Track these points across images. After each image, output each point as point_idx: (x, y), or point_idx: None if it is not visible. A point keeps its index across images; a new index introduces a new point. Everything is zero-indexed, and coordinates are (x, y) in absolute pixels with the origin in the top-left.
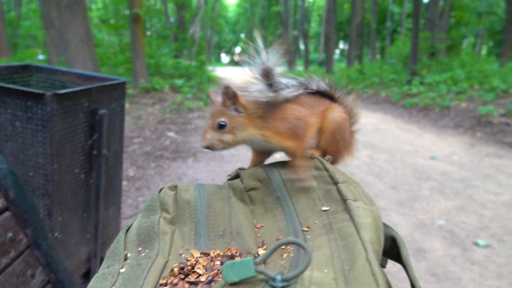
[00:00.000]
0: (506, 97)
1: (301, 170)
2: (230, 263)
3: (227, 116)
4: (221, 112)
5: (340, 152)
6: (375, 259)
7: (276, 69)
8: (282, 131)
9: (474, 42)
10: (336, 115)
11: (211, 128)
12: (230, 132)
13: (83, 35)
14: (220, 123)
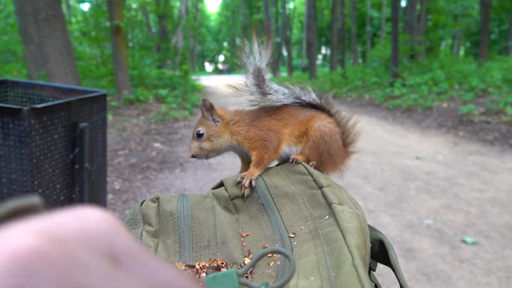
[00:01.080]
0: (485, 96)
1: (248, 176)
2: (212, 276)
3: (204, 126)
4: (200, 123)
5: (323, 163)
6: (362, 264)
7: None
8: (252, 136)
9: (452, 43)
10: (323, 125)
11: (193, 137)
12: (208, 140)
13: (63, 49)
14: (198, 132)
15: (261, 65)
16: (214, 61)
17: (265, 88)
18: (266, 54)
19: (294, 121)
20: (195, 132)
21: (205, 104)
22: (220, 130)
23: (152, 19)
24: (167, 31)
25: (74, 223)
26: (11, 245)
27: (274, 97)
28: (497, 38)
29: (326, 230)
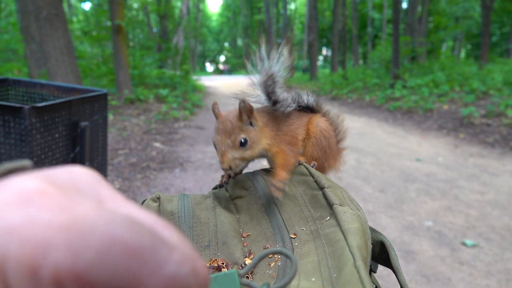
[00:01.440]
0: (486, 98)
1: (282, 181)
2: (213, 276)
3: (246, 132)
4: (239, 128)
5: (327, 159)
6: (363, 265)
7: (279, 79)
8: (279, 141)
9: (453, 45)
10: (321, 122)
11: (230, 147)
12: (251, 148)
13: (64, 48)
14: (242, 141)
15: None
16: (215, 61)
17: (276, 97)
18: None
19: (300, 123)
20: (236, 140)
21: (245, 106)
22: (258, 135)
23: (153, 19)
24: (168, 31)
25: (67, 173)
26: (17, 185)
27: (283, 108)
28: (498, 40)
29: (327, 231)
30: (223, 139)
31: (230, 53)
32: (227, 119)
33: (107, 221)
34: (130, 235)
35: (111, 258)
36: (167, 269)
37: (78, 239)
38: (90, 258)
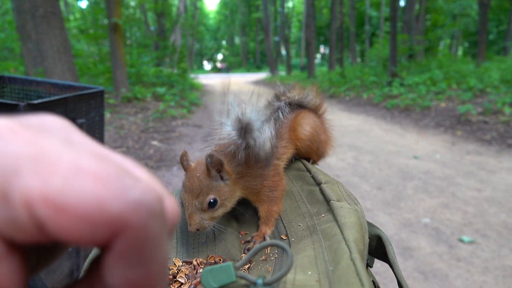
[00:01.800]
0: (483, 96)
1: (259, 237)
2: (209, 268)
3: (215, 190)
4: (207, 187)
5: (324, 150)
6: (360, 258)
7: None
8: (259, 189)
9: (450, 43)
10: (306, 129)
11: (198, 208)
12: (222, 206)
13: (61, 46)
14: (211, 202)
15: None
16: (213, 59)
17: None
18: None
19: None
20: (204, 202)
21: (213, 161)
22: (231, 190)
23: (150, 17)
24: (165, 29)
25: (37, 118)
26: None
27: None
28: (495, 38)
29: (324, 226)
30: (190, 199)
31: (228, 51)
32: (194, 175)
33: (74, 153)
34: (96, 164)
35: (78, 183)
36: (131, 194)
37: (45, 167)
38: (57, 183)
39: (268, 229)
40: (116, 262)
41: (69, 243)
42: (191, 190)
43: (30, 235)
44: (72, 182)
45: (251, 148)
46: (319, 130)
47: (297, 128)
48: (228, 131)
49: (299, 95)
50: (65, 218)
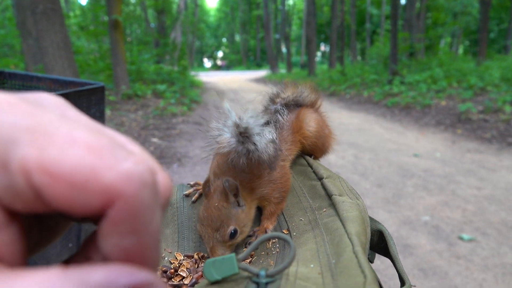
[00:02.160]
0: (484, 94)
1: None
2: (211, 260)
3: (235, 219)
4: (227, 217)
5: (328, 145)
6: (362, 251)
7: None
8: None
9: (451, 41)
10: (310, 119)
11: (219, 241)
12: (242, 233)
13: (61, 42)
14: (232, 233)
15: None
16: (213, 57)
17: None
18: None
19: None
20: (225, 234)
21: (230, 185)
22: (247, 213)
23: (151, 14)
24: (165, 26)
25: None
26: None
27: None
28: (496, 37)
29: (326, 220)
30: (209, 232)
31: (228, 48)
32: (212, 205)
33: (70, 126)
34: (90, 137)
35: (73, 153)
36: (124, 165)
37: (42, 138)
38: (53, 153)
39: (270, 224)
40: (110, 231)
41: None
42: (210, 223)
43: (28, 202)
44: (67, 152)
45: (252, 153)
46: (322, 124)
47: (302, 126)
48: (227, 138)
49: (293, 94)
50: (61, 185)
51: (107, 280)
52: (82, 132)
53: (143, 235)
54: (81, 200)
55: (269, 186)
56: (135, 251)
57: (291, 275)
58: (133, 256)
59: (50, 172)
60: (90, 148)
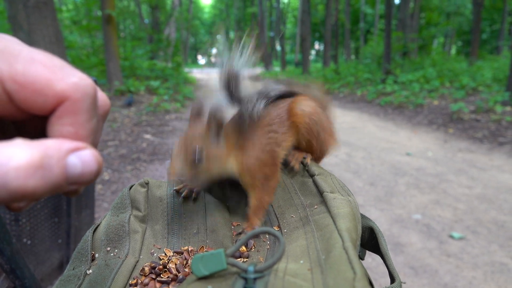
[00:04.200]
0: (476, 94)
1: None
2: (199, 256)
3: (205, 146)
4: (199, 140)
5: (324, 142)
6: (352, 247)
7: (242, 75)
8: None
9: (444, 41)
10: (304, 106)
11: (183, 157)
12: (206, 166)
13: (53, 37)
14: (196, 152)
15: (236, 69)
16: (207, 54)
17: (238, 95)
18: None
19: (282, 123)
20: (189, 152)
21: (216, 116)
22: (221, 155)
23: (145, 9)
24: (159, 22)
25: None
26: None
27: (250, 108)
28: (488, 37)
29: (316, 217)
30: (179, 146)
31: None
32: (193, 127)
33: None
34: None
35: (34, 69)
36: (72, 79)
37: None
38: (20, 68)
39: (258, 221)
40: (55, 122)
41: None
42: (184, 140)
43: (4, 106)
44: (29, 67)
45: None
46: (320, 114)
47: (295, 106)
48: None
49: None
50: (26, 91)
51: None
52: (39, 55)
53: (80, 129)
54: (40, 101)
55: (256, 162)
56: (74, 137)
57: (280, 271)
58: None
59: (18, 81)
60: (46, 66)
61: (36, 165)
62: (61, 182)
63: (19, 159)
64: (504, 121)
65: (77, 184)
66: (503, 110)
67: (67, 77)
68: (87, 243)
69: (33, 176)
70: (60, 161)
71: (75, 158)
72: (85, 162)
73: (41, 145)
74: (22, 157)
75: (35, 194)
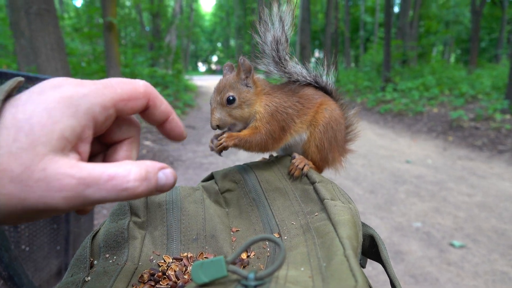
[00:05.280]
0: (475, 102)
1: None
2: (199, 263)
3: (236, 90)
4: (230, 86)
5: (331, 151)
6: (353, 255)
7: (286, 41)
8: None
9: (443, 50)
10: (334, 110)
11: (219, 104)
12: (239, 107)
13: (54, 44)
14: (229, 98)
15: (280, 35)
16: (208, 61)
17: (284, 66)
18: (288, 20)
19: (309, 105)
20: (224, 97)
21: (245, 64)
22: (252, 97)
23: (146, 17)
24: (160, 30)
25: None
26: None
27: (293, 78)
28: (487, 46)
29: (317, 224)
30: (215, 96)
31: (223, 53)
32: (225, 77)
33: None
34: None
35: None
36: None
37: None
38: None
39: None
40: (152, 110)
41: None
42: (218, 89)
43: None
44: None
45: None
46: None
47: (326, 104)
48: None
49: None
50: (129, 102)
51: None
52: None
53: (161, 104)
54: (139, 104)
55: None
56: (166, 110)
57: (281, 278)
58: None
59: (123, 99)
60: (124, 82)
61: (143, 177)
62: (154, 189)
63: (135, 172)
64: (503, 129)
65: (161, 191)
66: (502, 118)
67: (139, 83)
68: (86, 250)
69: (141, 185)
70: (155, 175)
71: (162, 174)
72: (168, 177)
73: (143, 164)
74: (137, 172)
75: (139, 196)
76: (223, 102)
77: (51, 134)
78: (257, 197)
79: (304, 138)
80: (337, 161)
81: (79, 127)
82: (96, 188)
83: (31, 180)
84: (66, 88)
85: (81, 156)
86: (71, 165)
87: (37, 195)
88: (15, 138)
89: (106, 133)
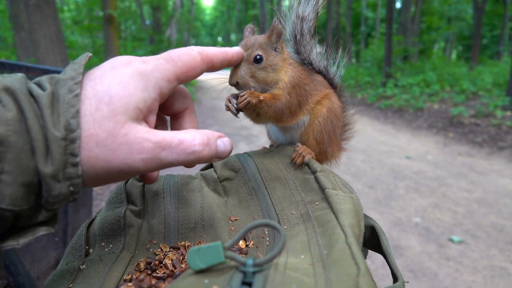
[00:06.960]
0: (476, 99)
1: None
2: (196, 248)
3: (265, 52)
4: (259, 45)
5: (331, 145)
6: (355, 242)
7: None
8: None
9: (444, 46)
10: (336, 104)
11: (244, 61)
12: (264, 70)
13: (54, 36)
14: (257, 56)
15: (304, 13)
16: None
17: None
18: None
19: (317, 92)
20: (252, 55)
21: (277, 27)
22: (279, 63)
23: (146, 10)
24: (161, 23)
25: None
26: None
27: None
28: (488, 42)
29: (318, 213)
30: (243, 47)
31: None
32: (255, 36)
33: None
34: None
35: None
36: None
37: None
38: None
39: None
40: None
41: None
42: (245, 45)
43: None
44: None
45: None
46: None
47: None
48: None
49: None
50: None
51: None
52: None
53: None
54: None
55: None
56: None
57: (281, 265)
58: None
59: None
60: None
61: (205, 143)
62: (213, 155)
63: (199, 138)
64: (504, 125)
65: (220, 158)
66: (503, 114)
67: (192, 53)
68: (81, 238)
69: (204, 149)
70: (215, 142)
71: (220, 142)
72: (225, 144)
73: (205, 133)
74: (200, 138)
75: (203, 160)
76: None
77: (127, 105)
78: (257, 186)
79: (305, 123)
80: (336, 156)
81: (150, 99)
82: (169, 151)
83: (115, 144)
84: (136, 64)
85: (149, 126)
86: (147, 131)
87: (121, 158)
88: (97, 108)
89: (166, 105)
